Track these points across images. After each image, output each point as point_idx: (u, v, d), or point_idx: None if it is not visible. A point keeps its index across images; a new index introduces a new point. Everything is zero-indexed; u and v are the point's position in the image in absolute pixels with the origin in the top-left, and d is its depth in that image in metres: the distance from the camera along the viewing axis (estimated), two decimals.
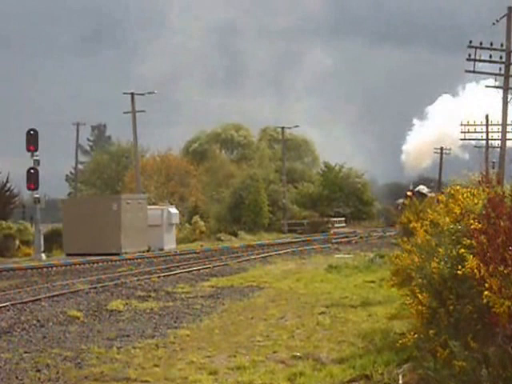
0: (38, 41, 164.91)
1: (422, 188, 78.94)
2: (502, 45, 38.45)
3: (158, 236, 46.42)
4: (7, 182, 69.57)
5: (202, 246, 50.12)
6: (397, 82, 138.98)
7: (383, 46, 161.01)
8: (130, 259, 37.74)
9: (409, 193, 73.56)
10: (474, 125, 65.60)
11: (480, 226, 9.57)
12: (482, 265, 9.29)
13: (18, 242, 51.64)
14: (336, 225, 71.68)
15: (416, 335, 10.62)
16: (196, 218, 62.43)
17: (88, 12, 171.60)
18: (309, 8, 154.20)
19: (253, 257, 36.80)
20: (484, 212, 9.89)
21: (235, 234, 61.38)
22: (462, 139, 66.96)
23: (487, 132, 64.87)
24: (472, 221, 9.77)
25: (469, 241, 9.67)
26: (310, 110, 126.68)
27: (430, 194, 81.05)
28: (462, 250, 9.65)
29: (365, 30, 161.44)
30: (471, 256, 9.34)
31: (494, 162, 62.21)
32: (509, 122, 39.79)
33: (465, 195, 10.63)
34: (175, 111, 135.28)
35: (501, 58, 38.54)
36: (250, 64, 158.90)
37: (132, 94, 61.91)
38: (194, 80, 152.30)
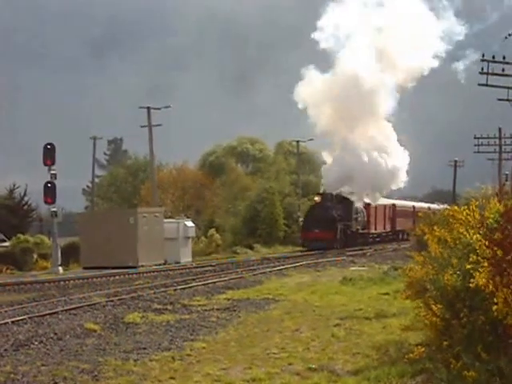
0: (55, 55, 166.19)
1: (345, 191, 61.70)
2: None
3: (175, 249, 46.53)
4: (25, 195, 70.12)
5: (218, 258, 50.26)
6: None
7: None
8: (146, 272, 37.88)
9: (316, 198, 59.51)
10: (488, 138, 65.51)
11: (495, 237, 9.66)
12: (496, 277, 9.38)
13: (35, 256, 51.93)
14: None
15: (428, 347, 10.70)
16: (212, 231, 62.52)
17: (104, 25, 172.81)
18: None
19: (268, 269, 36.83)
20: (496, 225, 9.97)
21: (251, 247, 61.41)
22: (475, 152, 66.62)
23: (500, 145, 64.97)
24: (483, 234, 9.85)
25: (475, 257, 9.74)
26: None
27: (366, 200, 64.03)
28: (474, 259, 9.73)
29: None
30: (478, 272, 9.44)
31: (506, 175, 62.17)
32: None
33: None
34: (190, 124, 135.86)
35: None
36: (265, 75, 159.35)
37: (148, 108, 62.37)
38: (208, 92, 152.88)
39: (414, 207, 74.36)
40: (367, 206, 65.08)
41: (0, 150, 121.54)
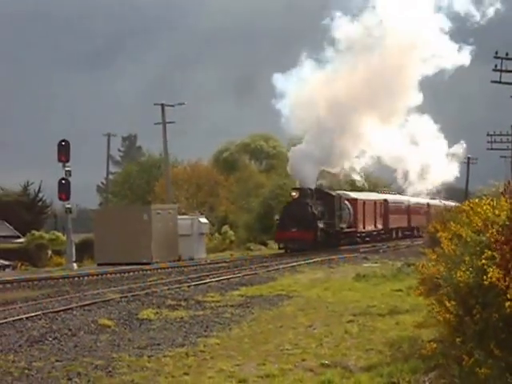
0: (69, 53, 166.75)
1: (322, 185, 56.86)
2: None
3: (189, 245, 46.66)
4: (39, 191, 70.51)
5: (232, 255, 50.37)
6: None
7: None
8: (160, 268, 37.98)
9: (293, 193, 51.25)
10: (501, 135, 65.34)
11: (503, 236, 9.65)
12: (506, 275, 9.38)
13: (50, 252, 52.27)
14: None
15: (441, 343, 10.72)
16: (226, 227, 62.65)
17: (116, 24, 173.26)
18: None
19: (281, 266, 36.86)
20: (508, 223, 9.96)
21: (264, 244, 61.46)
22: (488, 149, 66.38)
23: None
24: (495, 232, 9.83)
25: (490, 252, 9.73)
26: None
27: (351, 195, 58.34)
28: (484, 260, 9.73)
29: None
30: (491, 268, 9.43)
31: None
32: None
33: (484, 207, 10.69)
34: (203, 121, 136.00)
35: None
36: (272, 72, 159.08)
37: (162, 105, 62.65)
38: (220, 90, 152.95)
39: (409, 203, 71.63)
40: (353, 201, 58.28)
41: (15, 147, 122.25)
